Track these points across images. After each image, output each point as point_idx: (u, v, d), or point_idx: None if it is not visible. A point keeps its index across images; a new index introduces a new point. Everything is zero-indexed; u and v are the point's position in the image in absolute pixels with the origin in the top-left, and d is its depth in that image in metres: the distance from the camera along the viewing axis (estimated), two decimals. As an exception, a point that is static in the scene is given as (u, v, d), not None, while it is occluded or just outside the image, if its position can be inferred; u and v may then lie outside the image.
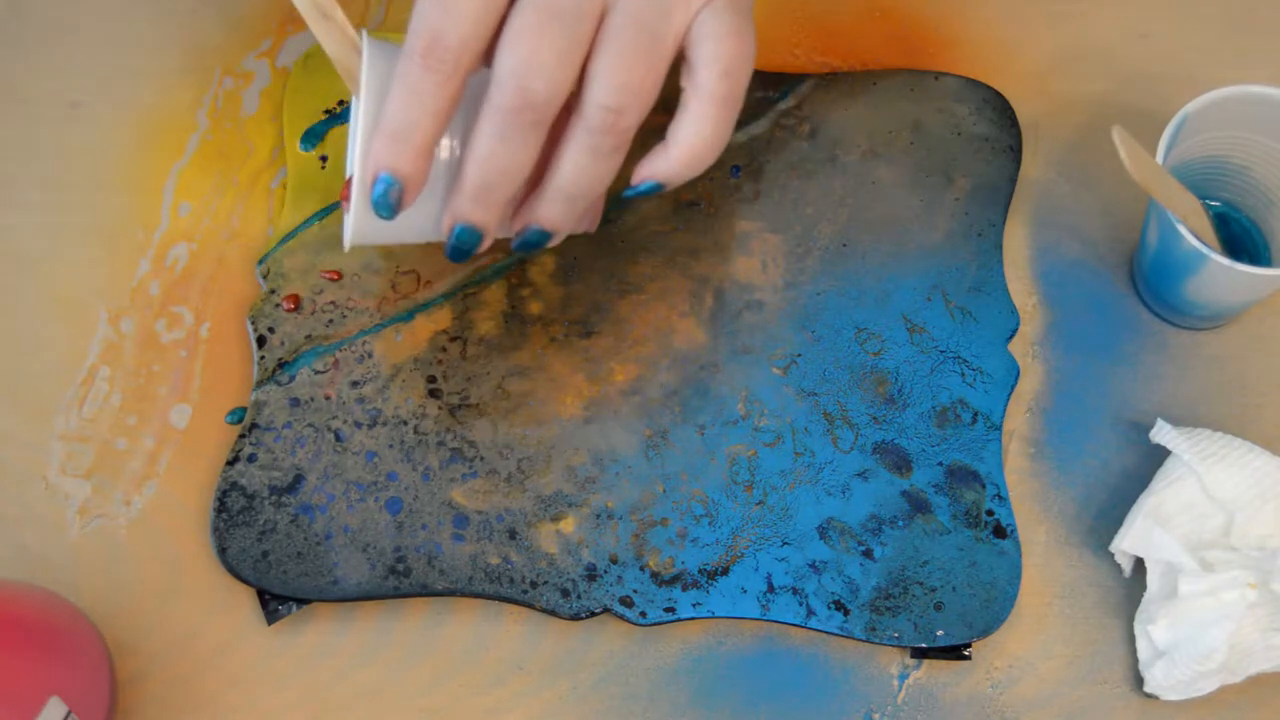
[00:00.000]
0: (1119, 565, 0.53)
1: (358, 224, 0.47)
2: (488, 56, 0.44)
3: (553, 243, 0.49)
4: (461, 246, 0.47)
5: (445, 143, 0.47)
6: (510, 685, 0.52)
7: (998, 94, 0.60)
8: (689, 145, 0.46)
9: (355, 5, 0.63)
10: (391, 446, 0.54)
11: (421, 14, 0.43)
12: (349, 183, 0.49)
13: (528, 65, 0.42)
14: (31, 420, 0.56)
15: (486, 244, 0.47)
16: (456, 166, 0.46)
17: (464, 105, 0.46)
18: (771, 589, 0.52)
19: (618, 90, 0.43)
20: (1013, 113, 0.59)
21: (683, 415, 0.55)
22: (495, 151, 0.44)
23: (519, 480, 0.54)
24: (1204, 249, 0.50)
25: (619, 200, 0.58)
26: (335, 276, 0.57)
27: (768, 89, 0.60)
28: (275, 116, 0.61)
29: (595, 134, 0.44)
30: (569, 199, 0.46)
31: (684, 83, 0.46)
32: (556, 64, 0.43)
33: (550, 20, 0.43)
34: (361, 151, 0.45)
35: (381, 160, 0.44)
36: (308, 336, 0.56)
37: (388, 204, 0.45)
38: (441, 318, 0.56)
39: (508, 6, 0.43)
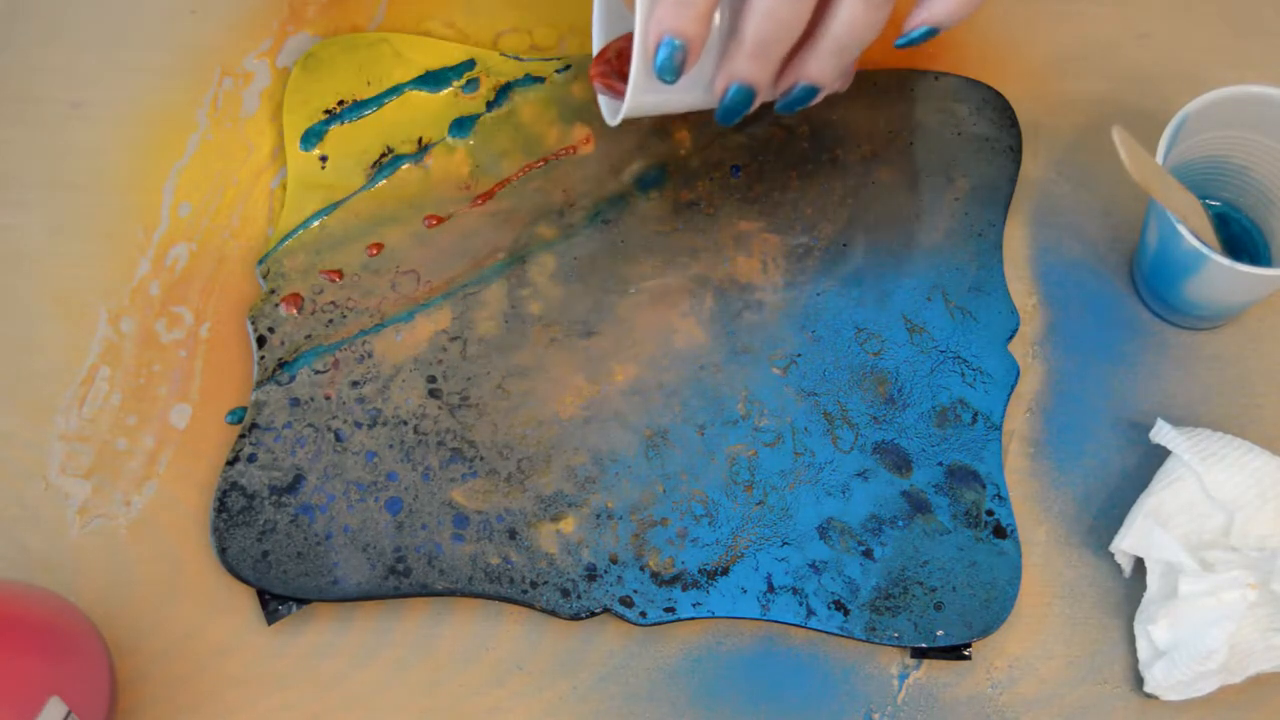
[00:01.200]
0: (1119, 565, 0.53)
1: (636, 93, 0.48)
2: None
3: (815, 100, 0.49)
4: (734, 107, 0.48)
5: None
6: (510, 685, 0.52)
7: (998, 94, 0.60)
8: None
9: (355, 6, 0.63)
10: (391, 446, 0.54)
11: None
12: (603, 59, 0.51)
13: None
14: (31, 420, 0.56)
15: (756, 104, 0.48)
16: (725, 30, 0.47)
17: None
18: (771, 589, 0.52)
19: None
20: (1013, 113, 0.59)
21: (683, 415, 0.55)
22: (776, 6, 0.45)
23: (519, 480, 0.54)
24: (1204, 249, 0.50)
25: (615, 203, 0.58)
26: (335, 276, 0.57)
27: (768, 89, 0.60)
28: (275, 116, 0.61)
29: None
30: (840, 52, 0.47)
31: None
32: None
33: None
34: (644, 17, 0.46)
35: (666, 23, 0.45)
36: (308, 336, 0.56)
37: (672, 67, 0.46)
38: (441, 318, 0.56)
39: None
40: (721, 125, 0.50)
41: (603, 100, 0.54)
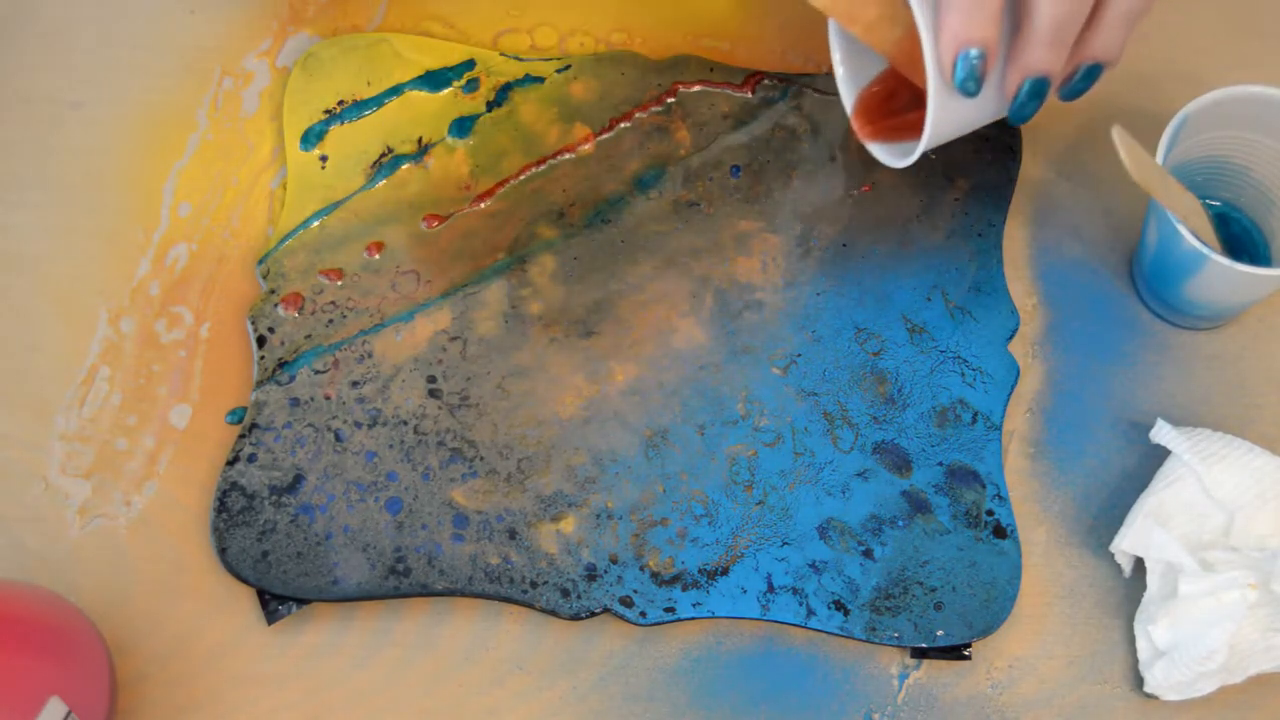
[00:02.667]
0: (1119, 565, 0.53)
1: (938, 118, 0.47)
2: None
3: (1099, 78, 0.48)
4: (1032, 102, 0.47)
5: None
6: (510, 685, 0.52)
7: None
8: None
9: (355, 6, 0.63)
10: (391, 446, 0.54)
11: None
12: (862, 113, 0.51)
13: None
14: (31, 420, 0.56)
15: (1050, 95, 0.47)
16: (1008, 28, 0.46)
17: None
18: (771, 589, 0.52)
19: None
20: (1013, 113, 0.59)
21: (683, 415, 0.55)
22: None
23: (519, 480, 0.54)
24: (1204, 249, 0.50)
25: (615, 203, 0.58)
26: (335, 276, 0.57)
27: (768, 89, 0.60)
28: (275, 116, 0.61)
29: None
30: (1129, 21, 0.46)
31: None
32: None
33: None
34: (932, 33, 0.44)
35: (961, 33, 0.44)
36: (308, 336, 0.56)
37: (975, 77, 0.44)
38: (441, 318, 0.56)
39: None
40: (1017, 125, 0.48)
41: (880, 150, 0.53)
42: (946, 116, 0.47)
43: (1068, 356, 0.57)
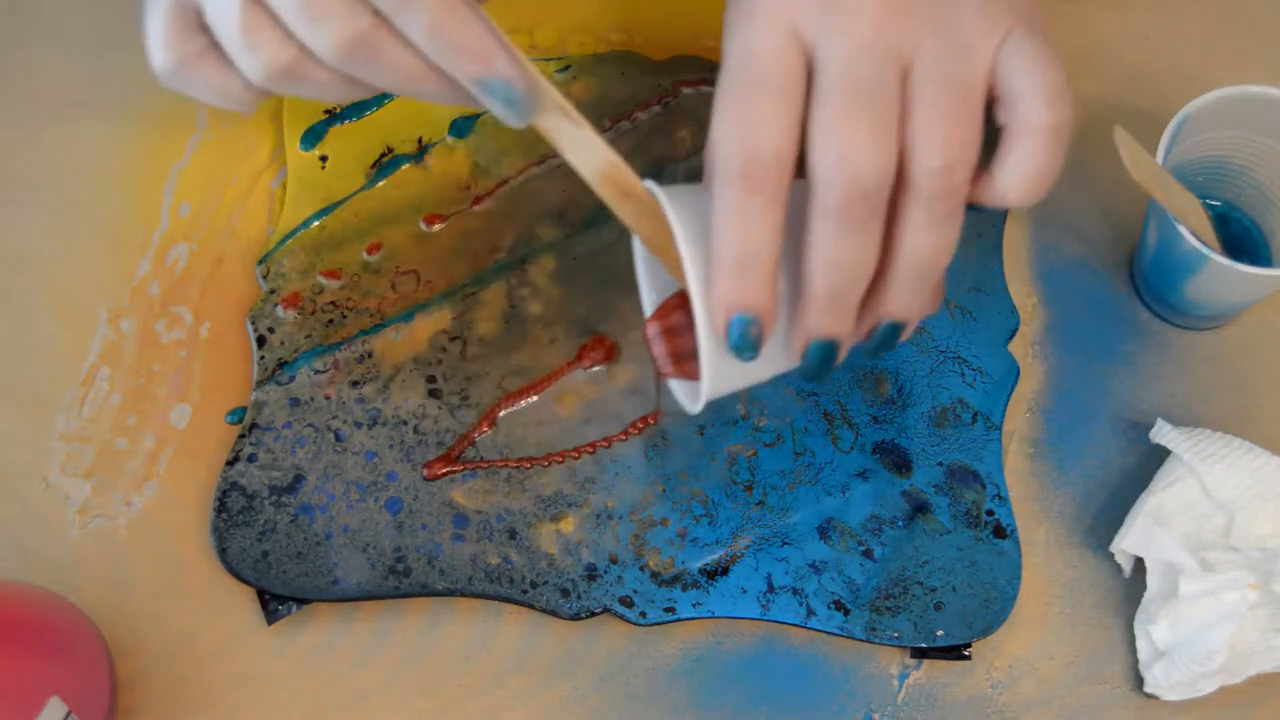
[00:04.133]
0: (1119, 565, 0.53)
1: (714, 376, 0.43)
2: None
3: (904, 336, 0.44)
4: (820, 363, 0.43)
5: None
6: (510, 685, 0.52)
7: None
8: (1025, 177, 0.42)
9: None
10: (391, 446, 0.54)
11: (724, 136, 0.39)
12: (662, 336, 0.46)
13: (849, 155, 0.39)
14: (31, 420, 0.56)
15: (842, 355, 0.43)
16: (788, 288, 0.43)
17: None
18: (771, 589, 0.52)
19: (942, 150, 0.40)
20: (1013, 113, 0.59)
21: (682, 415, 0.55)
22: (839, 254, 0.40)
23: (519, 480, 0.54)
24: (1204, 249, 0.50)
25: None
26: (335, 276, 0.57)
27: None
28: (275, 116, 0.61)
29: (931, 202, 0.41)
30: (917, 280, 0.42)
31: (1003, 120, 0.42)
32: (876, 144, 0.39)
33: (855, 102, 0.39)
34: (702, 299, 0.41)
35: (733, 299, 0.40)
36: (308, 336, 0.56)
37: (749, 344, 0.41)
38: (441, 318, 0.56)
39: (805, 103, 0.40)
40: (810, 385, 0.44)
41: (674, 385, 0.48)
42: (724, 372, 0.43)
43: (1068, 356, 0.57)
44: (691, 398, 0.47)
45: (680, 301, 0.47)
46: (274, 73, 0.40)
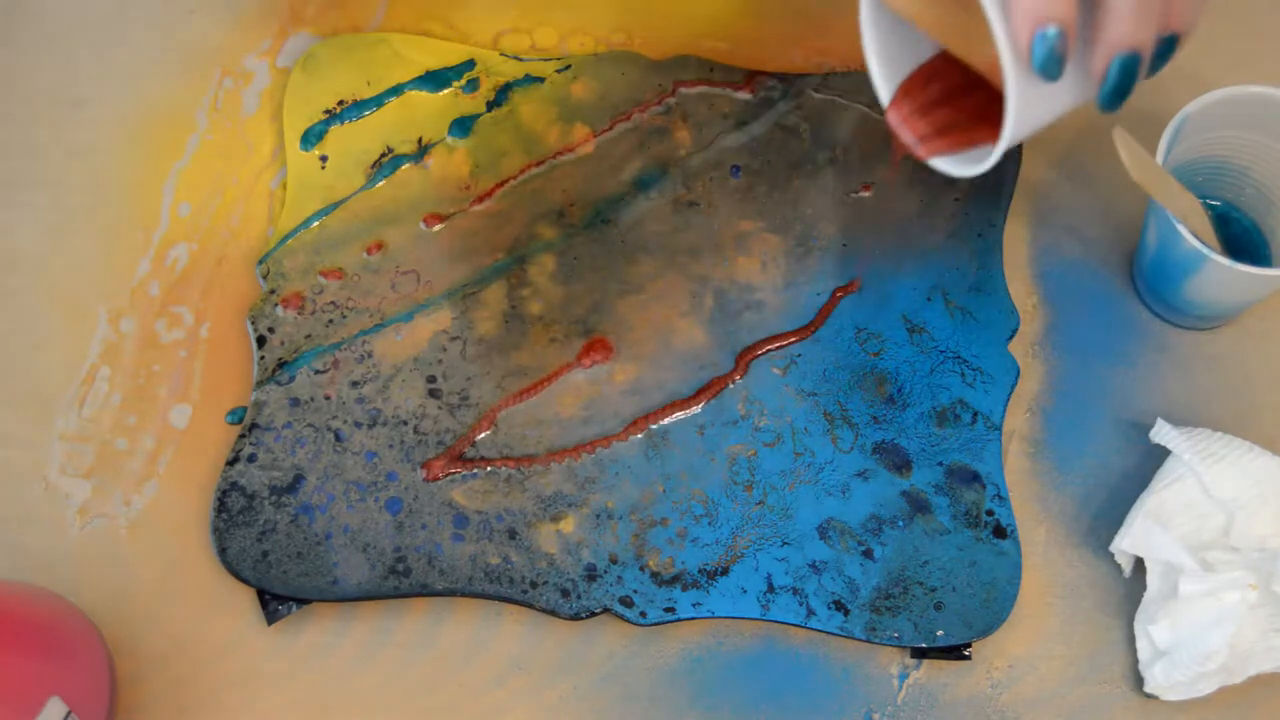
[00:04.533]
0: (1119, 565, 0.53)
1: (1020, 108, 0.42)
2: None
3: (1175, 53, 0.43)
4: (1124, 82, 0.42)
5: None
6: (510, 685, 0.52)
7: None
8: None
9: (355, 6, 0.63)
10: (391, 446, 0.54)
11: None
12: (906, 121, 0.46)
13: None
14: (31, 420, 0.56)
15: (1143, 74, 0.42)
16: (1085, 4, 0.42)
17: None
18: (771, 589, 0.52)
19: None
20: (1013, 113, 0.59)
21: (683, 415, 0.55)
22: None
23: (519, 480, 0.54)
24: (1204, 249, 0.50)
25: (615, 203, 0.58)
26: (335, 276, 0.57)
27: (768, 89, 0.60)
28: (275, 116, 0.61)
29: None
30: None
31: None
32: None
33: None
34: (1001, 14, 0.41)
35: (1036, 11, 0.40)
36: (308, 336, 0.56)
37: (1055, 58, 0.40)
38: (441, 318, 0.56)
39: None
40: (1107, 112, 0.43)
41: (943, 163, 0.47)
42: (1028, 106, 0.42)
43: (1068, 356, 0.57)
44: (970, 163, 0.46)
45: (923, 78, 0.46)
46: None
